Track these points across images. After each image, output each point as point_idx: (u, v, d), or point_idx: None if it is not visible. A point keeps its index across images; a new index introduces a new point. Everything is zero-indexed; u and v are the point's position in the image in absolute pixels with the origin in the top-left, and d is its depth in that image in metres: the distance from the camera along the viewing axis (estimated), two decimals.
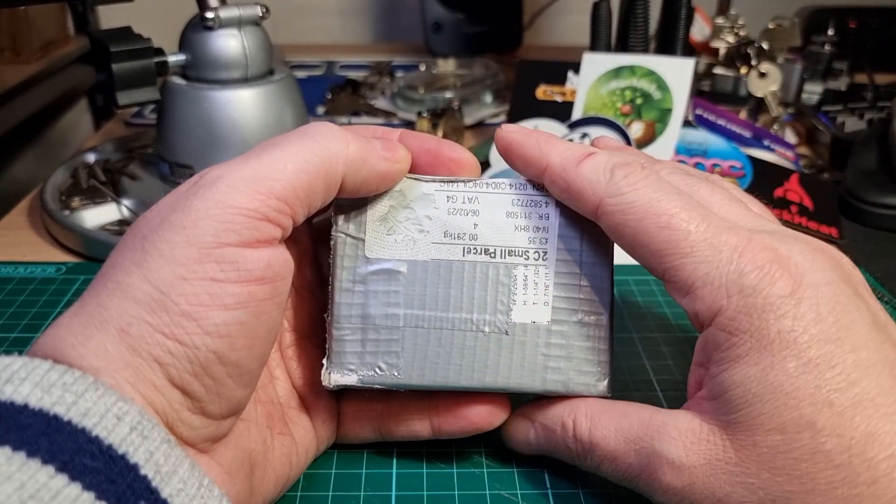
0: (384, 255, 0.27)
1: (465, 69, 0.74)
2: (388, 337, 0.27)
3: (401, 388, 0.27)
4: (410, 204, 0.27)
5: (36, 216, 0.50)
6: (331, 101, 0.70)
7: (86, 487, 0.18)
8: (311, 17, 0.97)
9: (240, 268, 0.22)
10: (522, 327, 0.27)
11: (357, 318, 0.27)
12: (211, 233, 0.22)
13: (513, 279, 0.27)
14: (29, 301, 0.39)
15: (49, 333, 0.21)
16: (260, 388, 0.27)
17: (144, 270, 0.21)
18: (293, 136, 0.24)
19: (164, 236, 0.22)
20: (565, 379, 0.27)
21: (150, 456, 0.19)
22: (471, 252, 0.27)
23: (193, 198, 0.22)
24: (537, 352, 0.27)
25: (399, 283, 0.27)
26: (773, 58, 0.65)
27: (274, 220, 0.23)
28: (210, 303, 0.21)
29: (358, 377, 0.27)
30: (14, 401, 0.18)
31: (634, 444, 0.24)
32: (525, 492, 0.28)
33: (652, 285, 0.42)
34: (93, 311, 0.21)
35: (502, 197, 0.27)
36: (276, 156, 0.23)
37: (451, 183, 0.27)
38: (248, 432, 0.25)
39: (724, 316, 0.23)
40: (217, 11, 0.45)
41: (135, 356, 0.21)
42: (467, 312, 0.27)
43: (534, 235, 0.27)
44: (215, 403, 0.22)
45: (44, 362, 0.19)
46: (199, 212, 0.22)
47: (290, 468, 0.27)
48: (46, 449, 0.18)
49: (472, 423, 0.27)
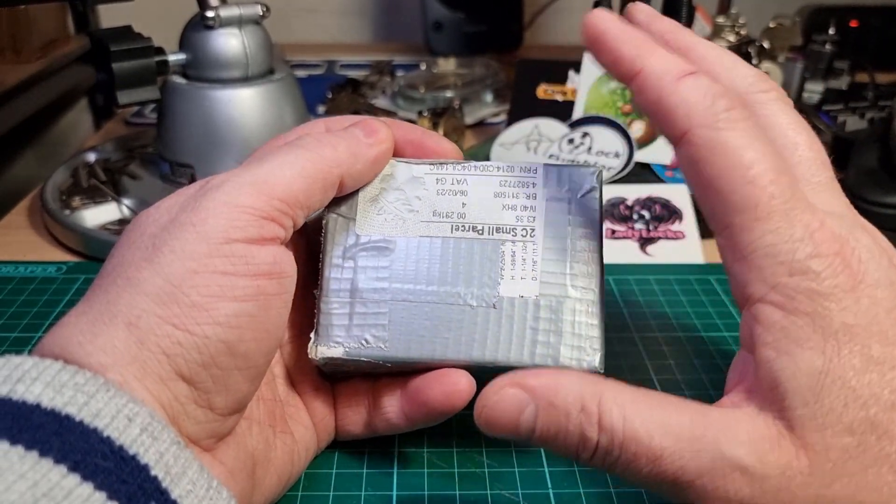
0: (374, 232, 0.27)
1: (466, 68, 0.74)
2: (376, 310, 0.27)
3: (387, 360, 0.27)
4: (401, 186, 0.28)
5: (36, 216, 0.50)
6: (331, 100, 0.70)
7: (97, 487, 0.18)
8: (311, 17, 0.97)
9: (248, 262, 0.23)
10: (510, 301, 0.27)
11: (345, 292, 0.27)
12: (220, 229, 0.23)
13: (500, 255, 0.27)
14: (29, 301, 0.39)
15: (56, 332, 0.22)
16: (262, 386, 0.27)
17: (156, 266, 0.22)
18: (286, 148, 0.26)
19: (174, 234, 0.23)
20: (554, 353, 0.26)
21: (160, 457, 0.19)
22: (459, 229, 0.27)
23: (202, 199, 0.23)
24: (525, 325, 0.26)
25: (388, 258, 0.27)
26: (774, 57, 0.65)
27: (277, 219, 0.24)
28: (220, 294, 0.22)
29: (344, 349, 0.27)
30: (26, 400, 0.19)
31: (692, 445, 0.21)
32: (526, 491, 0.28)
33: (653, 284, 0.42)
34: (101, 308, 0.22)
35: (490, 178, 0.28)
36: (274, 163, 0.25)
37: (441, 165, 0.28)
38: (250, 431, 0.25)
39: (782, 293, 0.21)
40: (217, 10, 0.45)
41: (142, 349, 0.21)
42: (454, 286, 0.27)
43: (521, 213, 0.27)
44: (221, 396, 0.22)
45: (55, 362, 0.20)
46: (207, 210, 0.23)
47: (292, 466, 0.27)
48: (59, 448, 0.18)
49: (431, 406, 0.26)
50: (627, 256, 0.45)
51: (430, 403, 0.26)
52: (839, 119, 0.61)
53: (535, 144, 0.53)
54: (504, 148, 0.53)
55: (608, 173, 0.49)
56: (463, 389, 0.26)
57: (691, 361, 0.30)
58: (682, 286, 0.41)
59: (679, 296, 0.41)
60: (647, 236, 0.46)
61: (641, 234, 0.46)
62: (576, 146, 0.51)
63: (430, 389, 0.26)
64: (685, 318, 0.39)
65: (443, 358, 0.26)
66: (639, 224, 0.47)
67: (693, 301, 0.40)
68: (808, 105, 0.66)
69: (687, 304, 0.40)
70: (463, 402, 0.26)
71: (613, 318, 0.38)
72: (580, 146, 0.51)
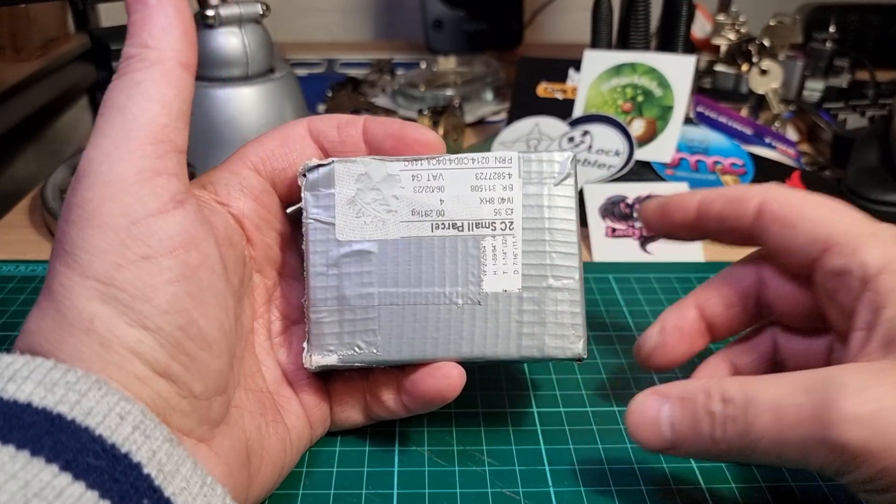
0: (354, 237, 0.27)
1: (466, 67, 0.74)
2: (365, 316, 0.27)
3: (380, 364, 0.27)
4: (377, 185, 0.27)
5: (37, 214, 0.50)
6: (331, 98, 0.70)
7: (89, 486, 0.18)
8: (311, 15, 0.97)
9: (161, 237, 0.22)
10: (494, 296, 0.27)
11: (333, 301, 0.27)
12: (118, 213, 0.21)
13: (482, 250, 0.27)
14: (30, 300, 0.39)
15: (23, 339, 0.21)
16: (249, 377, 0.27)
17: (78, 269, 0.21)
18: (116, 87, 0.23)
19: (76, 234, 0.21)
20: (540, 344, 0.27)
21: (152, 455, 0.19)
22: (439, 227, 0.27)
23: (81, 190, 0.22)
24: (510, 319, 0.27)
25: (371, 263, 0.27)
26: (775, 55, 0.65)
27: (163, 170, 0.22)
28: (153, 281, 0.21)
29: (338, 357, 0.27)
30: (17, 399, 0.18)
31: (804, 385, 0.22)
32: (527, 490, 0.28)
33: (653, 283, 0.42)
34: (53, 314, 0.21)
35: (465, 172, 0.27)
36: (119, 111, 0.22)
37: (416, 161, 0.28)
38: (242, 421, 0.25)
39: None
40: (217, 9, 0.45)
41: (110, 352, 0.21)
42: (440, 286, 0.27)
43: (499, 206, 0.27)
44: (198, 381, 0.22)
45: (46, 361, 0.19)
46: (93, 201, 0.21)
47: (286, 455, 0.27)
48: (50, 448, 0.18)
49: (425, 398, 0.27)
50: (628, 255, 0.45)
51: (425, 396, 0.27)
52: (839, 117, 0.61)
53: (535, 143, 0.53)
54: (504, 146, 0.53)
55: (608, 172, 0.49)
56: (454, 382, 0.27)
57: (692, 360, 0.30)
58: (682, 284, 0.41)
59: (680, 294, 0.41)
60: (647, 234, 0.46)
61: (642, 233, 0.46)
62: (576, 144, 0.51)
63: (423, 383, 0.27)
64: None
65: (433, 356, 0.27)
66: (639, 222, 0.47)
67: None
68: (809, 103, 0.66)
69: None
70: (455, 393, 0.27)
71: (614, 317, 0.38)
72: (580, 144, 0.51)
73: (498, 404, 0.32)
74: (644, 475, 0.28)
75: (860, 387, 0.20)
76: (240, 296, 0.27)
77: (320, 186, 0.27)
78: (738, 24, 0.68)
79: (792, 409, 0.21)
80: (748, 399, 0.22)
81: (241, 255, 0.27)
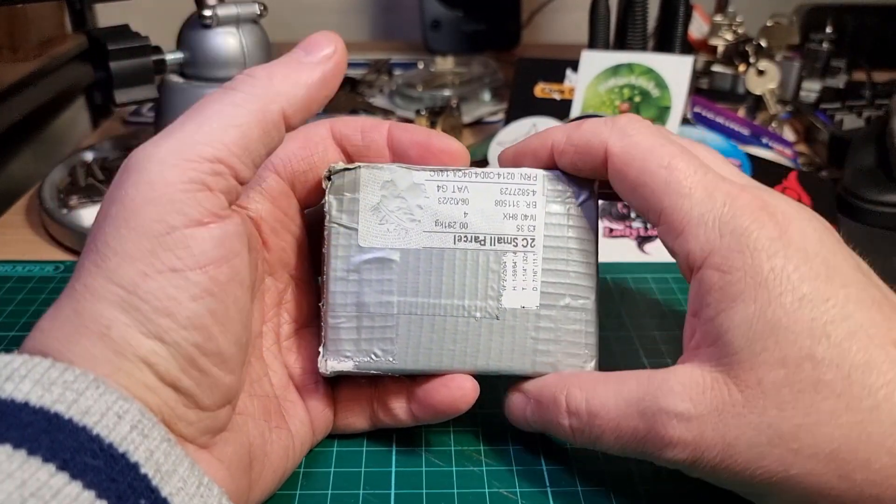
0: (377, 244, 0.27)
1: (464, 67, 0.74)
2: (383, 324, 0.27)
3: (396, 373, 0.27)
4: (402, 193, 0.27)
5: (34, 214, 0.50)
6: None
7: (86, 486, 0.18)
8: (309, 15, 0.97)
9: (194, 251, 0.21)
10: (512, 312, 0.27)
11: (352, 307, 0.27)
12: (155, 219, 0.21)
13: (502, 266, 0.27)
14: (27, 300, 0.39)
15: (34, 337, 0.21)
16: (255, 382, 0.27)
17: (105, 271, 0.21)
18: (216, 95, 0.23)
19: (111, 232, 0.21)
20: (554, 361, 0.28)
21: (150, 455, 0.19)
22: (461, 240, 0.27)
23: (126, 185, 0.21)
24: (527, 335, 0.27)
25: (392, 271, 0.27)
26: (772, 55, 0.65)
27: (213, 186, 0.22)
28: (177, 295, 0.21)
29: (354, 363, 0.27)
30: (14, 398, 0.18)
31: (637, 406, 0.24)
32: (524, 490, 0.28)
33: (650, 283, 0.42)
34: (70, 315, 0.21)
35: (491, 186, 0.27)
36: (199, 119, 0.22)
37: (441, 172, 0.27)
38: (246, 427, 0.25)
39: (718, 255, 0.23)
40: (215, 9, 0.45)
41: (122, 359, 0.21)
42: (459, 299, 0.27)
43: (522, 223, 0.27)
44: (207, 395, 0.22)
45: (44, 360, 0.19)
46: (135, 200, 0.21)
47: (287, 461, 0.27)
48: (47, 447, 0.18)
49: (437, 408, 0.27)
50: (625, 255, 0.45)
51: (437, 407, 0.27)
52: (836, 118, 0.61)
53: None
54: (502, 147, 0.53)
55: None
56: (468, 394, 0.27)
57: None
58: (679, 284, 0.42)
59: (676, 294, 0.41)
60: (644, 234, 0.46)
61: (639, 233, 0.46)
62: None
63: (437, 394, 0.27)
64: (682, 316, 0.39)
65: (449, 368, 0.27)
66: (636, 222, 0.47)
67: None
68: (806, 104, 0.67)
69: (684, 303, 0.40)
70: (468, 405, 0.27)
71: (611, 317, 0.39)
72: None
73: (495, 405, 0.32)
74: (641, 475, 0.28)
75: (686, 414, 0.23)
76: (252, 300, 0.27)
77: (345, 191, 0.27)
78: (736, 24, 0.68)
79: (629, 430, 0.24)
80: (591, 414, 0.25)
81: (255, 259, 0.27)
